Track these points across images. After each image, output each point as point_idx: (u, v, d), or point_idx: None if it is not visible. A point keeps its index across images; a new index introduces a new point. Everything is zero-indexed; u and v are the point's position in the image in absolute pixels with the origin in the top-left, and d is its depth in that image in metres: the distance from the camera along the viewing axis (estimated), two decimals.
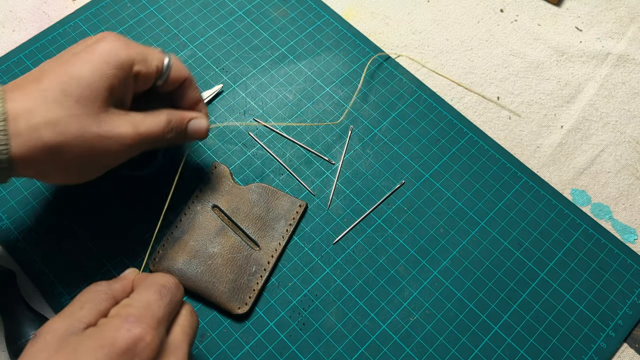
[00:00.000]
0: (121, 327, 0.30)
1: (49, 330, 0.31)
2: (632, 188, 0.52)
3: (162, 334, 0.32)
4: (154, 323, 0.32)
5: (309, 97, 0.55)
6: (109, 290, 0.35)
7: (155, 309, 0.33)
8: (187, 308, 0.36)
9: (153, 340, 0.31)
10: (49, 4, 0.59)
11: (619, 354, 0.45)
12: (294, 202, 0.49)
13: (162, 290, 0.34)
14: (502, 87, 0.57)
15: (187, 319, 0.35)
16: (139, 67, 0.39)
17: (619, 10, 0.62)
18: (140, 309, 0.32)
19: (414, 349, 0.44)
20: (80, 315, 0.32)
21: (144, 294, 0.34)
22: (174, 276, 0.36)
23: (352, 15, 0.60)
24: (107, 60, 0.37)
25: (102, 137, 0.37)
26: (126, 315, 0.31)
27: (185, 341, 0.34)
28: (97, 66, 0.36)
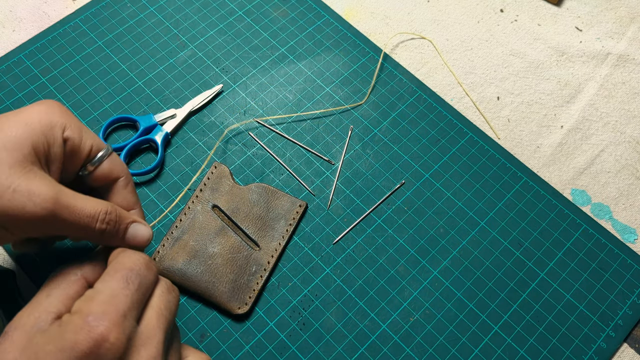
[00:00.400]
0: (82, 327, 0.28)
1: (17, 326, 0.30)
2: (632, 188, 0.52)
3: (130, 327, 0.29)
4: (119, 318, 0.29)
5: (309, 97, 0.55)
6: (79, 271, 0.33)
7: (121, 300, 0.30)
8: (162, 286, 0.33)
9: (117, 338, 0.28)
10: (49, 4, 0.59)
11: (619, 354, 0.45)
12: (294, 202, 0.49)
13: (129, 276, 0.31)
14: (502, 87, 0.57)
15: (162, 299, 0.32)
16: (71, 134, 0.35)
17: (619, 10, 0.62)
18: (103, 303, 0.29)
19: (414, 349, 0.44)
20: (47, 304, 0.30)
21: (108, 282, 0.31)
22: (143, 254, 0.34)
23: (352, 15, 0.60)
24: (38, 118, 0.34)
25: (10, 190, 0.31)
26: (87, 312, 0.29)
27: (159, 327, 0.31)
28: (26, 121, 0.33)
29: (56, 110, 0.35)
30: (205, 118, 0.53)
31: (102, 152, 0.37)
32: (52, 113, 0.34)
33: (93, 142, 0.36)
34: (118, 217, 0.35)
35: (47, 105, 0.35)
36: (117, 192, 0.38)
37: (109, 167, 0.37)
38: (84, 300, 0.30)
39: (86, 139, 0.36)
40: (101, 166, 0.37)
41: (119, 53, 0.56)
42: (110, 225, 0.35)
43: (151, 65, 0.55)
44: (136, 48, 0.56)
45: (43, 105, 0.35)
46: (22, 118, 0.33)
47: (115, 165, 0.38)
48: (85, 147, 0.36)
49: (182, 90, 0.54)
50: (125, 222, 0.36)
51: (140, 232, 0.37)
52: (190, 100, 0.54)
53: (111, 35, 0.57)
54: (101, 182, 0.37)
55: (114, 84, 0.54)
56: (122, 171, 0.38)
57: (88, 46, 0.56)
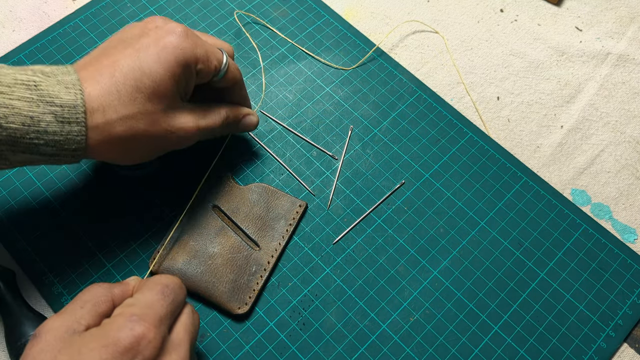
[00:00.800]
0: (124, 325, 0.31)
1: (49, 329, 0.32)
2: (632, 188, 0.52)
3: (164, 332, 0.33)
4: (156, 321, 0.32)
5: (309, 97, 0.55)
6: (109, 293, 0.35)
7: (158, 308, 0.33)
8: (189, 307, 0.37)
9: (155, 338, 0.31)
10: (49, 4, 0.59)
11: (619, 354, 0.45)
12: (294, 202, 0.49)
13: (164, 290, 0.35)
14: (502, 87, 0.57)
15: (189, 318, 0.36)
16: (202, 66, 0.41)
17: (619, 10, 0.62)
18: (142, 308, 0.33)
19: (414, 349, 0.44)
20: (79, 315, 0.33)
21: (147, 293, 0.34)
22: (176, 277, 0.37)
23: (352, 15, 0.60)
24: (176, 59, 0.39)
25: (168, 132, 0.40)
26: (129, 314, 0.32)
27: (186, 339, 0.34)
28: (167, 65, 0.38)
29: (187, 44, 0.40)
30: None
31: (223, 65, 0.43)
32: (186, 47, 0.39)
33: (216, 60, 0.42)
34: (235, 116, 0.46)
35: (179, 37, 0.40)
36: (234, 91, 0.46)
37: (229, 76, 0.44)
38: (124, 306, 0.34)
39: (212, 61, 0.42)
40: (228, 73, 0.44)
41: None
42: (230, 123, 0.46)
43: None
44: None
45: (176, 39, 0.39)
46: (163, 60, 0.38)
47: (233, 73, 0.44)
48: (212, 69, 0.42)
49: None
50: (240, 117, 0.47)
51: (250, 121, 0.48)
52: None
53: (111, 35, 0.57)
54: (223, 85, 0.45)
55: None
56: (238, 75, 0.45)
57: (88, 46, 0.56)
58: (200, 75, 0.42)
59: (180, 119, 0.41)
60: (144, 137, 0.39)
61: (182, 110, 0.41)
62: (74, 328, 0.32)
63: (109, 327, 0.31)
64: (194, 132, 0.42)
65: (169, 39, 0.39)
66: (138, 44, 0.39)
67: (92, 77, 0.38)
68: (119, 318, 0.32)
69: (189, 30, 0.41)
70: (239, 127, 0.47)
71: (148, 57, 0.38)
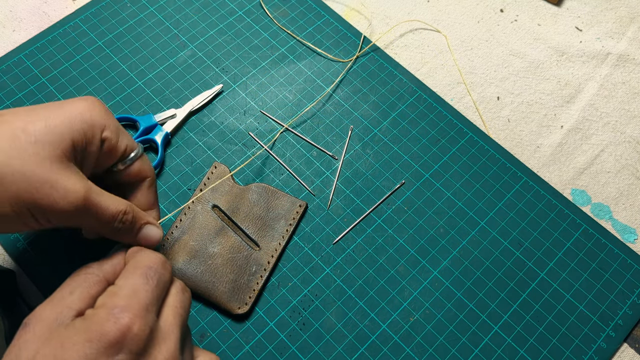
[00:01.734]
0: (108, 319, 0.30)
1: (38, 319, 0.30)
2: (632, 188, 0.52)
3: (151, 320, 0.31)
4: (142, 311, 0.31)
5: (309, 97, 0.55)
6: (100, 272, 0.34)
7: (142, 295, 0.32)
8: (177, 286, 0.35)
9: (141, 329, 0.30)
10: (49, 4, 0.59)
11: (619, 354, 0.45)
12: (294, 202, 0.49)
13: (148, 273, 0.33)
14: (502, 87, 0.57)
15: (177, 298, 0.34)
16: (109, 135, 0.37)
17: (619, 10, 0.62)
18: (126, 297, 0.31)
19: (414, 349, 0.44)
20: (69, 301, 0.31)
21: (129, 278, 0.33)
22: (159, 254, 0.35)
23: (352, 15, 0.60)
24: (80, 115, 0.35)
25: (46, 184, 0.32)
26: (112, 305, 0.30)
27: (176, 324, 0.33)
28: (69, 116, 0.34)
29: (97, 109, 0.36)
30: (205, 118, 0.53)
31: (134, 152, 0.39)
32: (94, 111, 0.36)
33: (128, 142, 0.38)
34: (134, 217, 0.38)
35: (89, 102, 0.36)
36: (141, 191, 0.40)
37: (139, 167, 0.40)
38: (107, 296, 0.32)
39: (122, 139, 0.38)
40: (132, 166, 0.39)
41: (119, 53, 0.56)
42: (126, 224, 0.37)
43: (151, 65, 0.55)
44: (136, 48, 0.56)
45: (86, 102, 0.36)
46: (65, 112, 0.35)
47: (144, 166, 0.40)
48: (120, 147, 0.38)
49: (182, 90, 0.54)
50: (140, 223, 0.38)
51: (151, 233, 0.39)
52: (190, 100, 0.54)
53: (111, 35, 0.57)
54: (128, 179, 0.40)
55: (114, 84, 0.54)
56: (149, 172, 0.40)
57: (88, 46, 0.56)
58: (105, 148, 0.37)
59: (66, 176, 0.33)
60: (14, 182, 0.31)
61: (72, 170, 0.34)
62: (63, 317, 0.30)
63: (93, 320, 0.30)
64: (78, 200, 0.33)
65: (78, 101, 0.36)
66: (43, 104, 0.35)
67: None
68: (102, 310, 0.30)
69: (102, 103, 0.37)
70: (135, 236, 0.38)
71: (49, 108, 0.34)
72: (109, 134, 0.37)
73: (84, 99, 0.37)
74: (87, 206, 0.34)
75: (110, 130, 0.37)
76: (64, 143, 0.34)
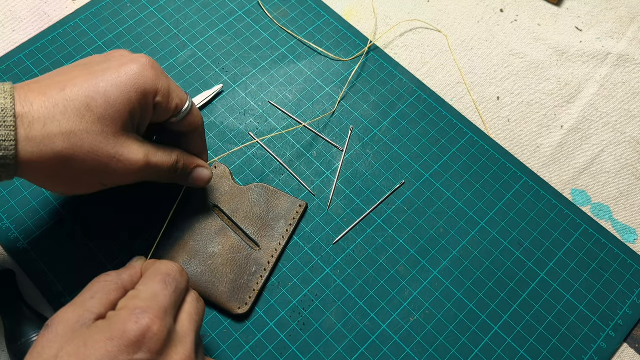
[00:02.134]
0: (129, 319, 0.31)
1: (61, 320, 0.32)
2: (632, 188, 0.52)
3: (170, 322, 0.33)
4: (161, 313, 0.32)
5: (309, 97, 0.55)
6: (119, 280, 0.35)
7: (162, 299, 0.33)
8: (192, 295, 0.37)
9: (160, 329, 0.31)
10: (49, 4, 0.59)
11: (619, 354, 0.45)
12: (294, 202, 0.49)
13: (166, 279, 0.35)
14: (502, 87, 0.57)
15: (192, 306, 0.36)
16: (161, 99, 0.39)
17: (619, 10, 0.62)
18: (146, 300, 0.33)
19: (414, 349, 0.44)
20: (90, 305, 0.33)
21: (149, 284, 0.34)
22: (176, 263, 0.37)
23: (352, 15, 0.60)
24: (135, 85, 0.37)
25: (114, 159, 0.37)
26: (133, 307, 0.32)
27: (192, 329, 0.34)
28: (125, 89, 0.36)
29: (149, 73, 0.38)
30: (205, 118, 0.53)
31: (185, 107, 0.41)
32: (147, 77, 0.38)
33: (178, 101, 0.40)
34: (185, 164, 0.42)
35: (141, 66, 0.38)
36: (192, 139, 0.43)
37: (190, 120, 0.41)
38: (128, 299, 0.33)
39: (173, 99, 0.39)
40: (184, 120, 0.41)
41: None
42: (181, 170, 0.42)
43: None
44: (136, 48, 0.56)
45: (138, 67, 0.38)
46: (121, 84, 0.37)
47: (195, 118, 0.42)
48: (172, 106, 0.40)
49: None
50: (191, 167, 0.43)
51: (202, 174, 0.44)
52: None
53: (111, 35, 0.57)
54: (181, 130, 0.42)
55: None
56: (199, 122, 0.43)
57: (88, 46, 0.56)
58: (158, 110, 0.39)
59: (129, 147, 0.37)
60: (85, 160, 0.35)
61: (132, 140, 0.38)
62: (84, 319, 0.32)
63: (114, 320, 0.32)
64: (141, 165, 0.38)
65: (131, 66, 0.38)
66: (98, 67, 0.37)
67: (40, 89, 0.35)
68: (124, 311, 0.32)
69: (154, 63, 0.39)
70: (188, 179, 0.44)
71: (105, 78, 0.36)
72: (160, 99, 0.39)
73: (136, 60, 0.38)
74: (148, 167, 0.39)
75: (162, 94, 0.39)
76: (124, 117, 0.37)
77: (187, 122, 0.41)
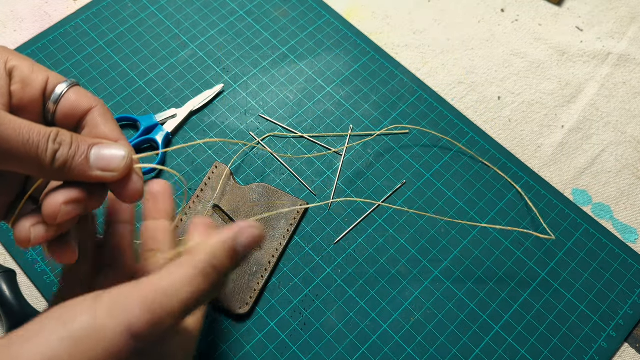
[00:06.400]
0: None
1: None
2: (632, 188, 0.52)
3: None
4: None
5: (310, 96, 0.55)
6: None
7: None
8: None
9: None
10: (50, 4, 0.59)
11: (620, 353, 0.45)
12: (295, 201, 0.49)
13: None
14: (503, 87, 0.57)
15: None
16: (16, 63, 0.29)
17: (619, 10, 0.62)
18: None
19: (415, 348, 0.44)
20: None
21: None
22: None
23: (353, 15, 0.60)
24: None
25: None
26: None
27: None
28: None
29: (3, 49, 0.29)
30: (206, 118, 0.53)
31: (63, 84, 0.30)
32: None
33: (48, 75, 0.30)
34: (75, 137, 0.28)
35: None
36: (91, 125, 0.30)
37: (75, 98, 0.30)
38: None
39: (38, 70, 0.30)
40: (65, 99, 0.30)
41: (120, 53, 0.56)
42: (65, 145, 0.27)
43: (152, 65, 0.55)
44: (137, 48, 0.56)
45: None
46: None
47: (83, 95, 0.30)
48: (38, 79, 0.30)
49: (182, 90, 0.54)
50: (87, 142, 0.28)
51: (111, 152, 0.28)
52: (191, 100, 0.54)
53: (112, 35, 0.57)
54: (72, 120, 0.30)
55: (115, 83, 0.54)
56: (94, 100, 0.31)
57: (89, 46, 0.56)
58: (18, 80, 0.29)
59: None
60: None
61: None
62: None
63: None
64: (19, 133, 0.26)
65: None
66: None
67: None
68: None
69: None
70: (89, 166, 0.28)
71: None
72: (16, 63, 0.29)
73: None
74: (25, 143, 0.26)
75: (17, 60, 0.29)
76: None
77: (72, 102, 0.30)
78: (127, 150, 0.28)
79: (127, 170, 0.28)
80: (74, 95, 0.30)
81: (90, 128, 0.30)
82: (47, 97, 0.30)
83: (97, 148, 0.28)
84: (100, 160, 0.28)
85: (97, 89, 0.54)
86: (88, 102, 0.30)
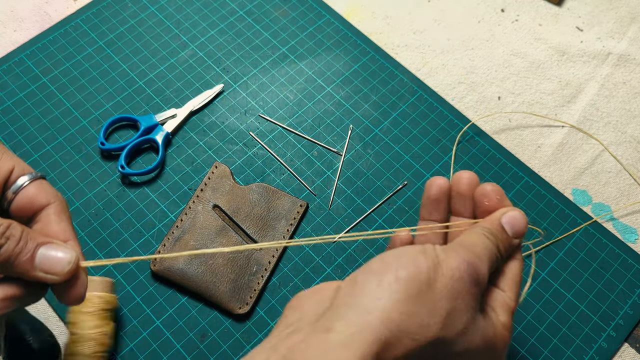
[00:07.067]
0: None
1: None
2: (632, 188, 0.52)
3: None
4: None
5: (310, 96, 0.55)
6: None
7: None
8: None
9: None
10: (50, 4, 0.59)
11: (620, 353, 0.45)
12: (295, 201, 0.49)
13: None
14: (503, 86, 0.57)
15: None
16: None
17: (619, 10, 0.62)
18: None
19: None
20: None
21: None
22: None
23: (353, 15, 0.61)
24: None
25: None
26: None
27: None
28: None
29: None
30: (206, 118, 0.53)
31: (26, 177, 0.30)
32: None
33: (15, 164, 0.30)
34: (24, 233, 0.27)
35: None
36: (44, 221, 0.29)
37: (35, 192, 0.30)
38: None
39: (6, 158, 0.30)
40: (24, 192, 0.29)
41: (120, 53, 0.56)
42: (12, 240, 0.26)
43: (152, 65, 0.55)
44: (137, 48, 0.56)
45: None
46: None
47: (44, 190, 0.30)
48: (3, 167, 0.29)
49: (182, 90, 0.54)
50: (36, 241, 0.27)
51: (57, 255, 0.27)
52: (191, 100, 0.54)
53: (112, 35, 0.57)
54: (26, 213, 0.30)
55: (115, 83, 0.54)
56: (53, 197, 0.30)
57: (89, 46, 0.56)
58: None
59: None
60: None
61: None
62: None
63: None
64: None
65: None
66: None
67: None
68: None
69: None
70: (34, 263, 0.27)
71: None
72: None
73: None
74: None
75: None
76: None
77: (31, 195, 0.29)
78: (74, 254, 0.28)
79: (69, 275, 0.28)
80: (34, 189, 0.30)
81: (43, 224, 0.29)
82: (8, 185, 0.30)
83: (45, 248, 0.27)
84: (45, 261, 0.27)
85: (97, 89, 0.54)
86: (46, 198, 0.30)
